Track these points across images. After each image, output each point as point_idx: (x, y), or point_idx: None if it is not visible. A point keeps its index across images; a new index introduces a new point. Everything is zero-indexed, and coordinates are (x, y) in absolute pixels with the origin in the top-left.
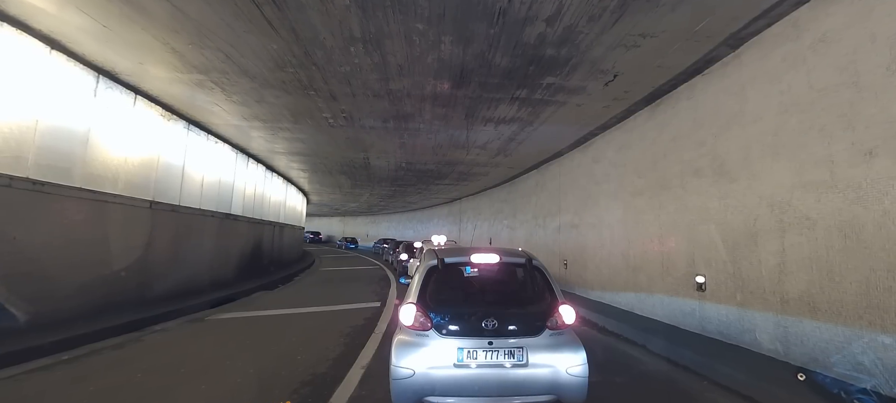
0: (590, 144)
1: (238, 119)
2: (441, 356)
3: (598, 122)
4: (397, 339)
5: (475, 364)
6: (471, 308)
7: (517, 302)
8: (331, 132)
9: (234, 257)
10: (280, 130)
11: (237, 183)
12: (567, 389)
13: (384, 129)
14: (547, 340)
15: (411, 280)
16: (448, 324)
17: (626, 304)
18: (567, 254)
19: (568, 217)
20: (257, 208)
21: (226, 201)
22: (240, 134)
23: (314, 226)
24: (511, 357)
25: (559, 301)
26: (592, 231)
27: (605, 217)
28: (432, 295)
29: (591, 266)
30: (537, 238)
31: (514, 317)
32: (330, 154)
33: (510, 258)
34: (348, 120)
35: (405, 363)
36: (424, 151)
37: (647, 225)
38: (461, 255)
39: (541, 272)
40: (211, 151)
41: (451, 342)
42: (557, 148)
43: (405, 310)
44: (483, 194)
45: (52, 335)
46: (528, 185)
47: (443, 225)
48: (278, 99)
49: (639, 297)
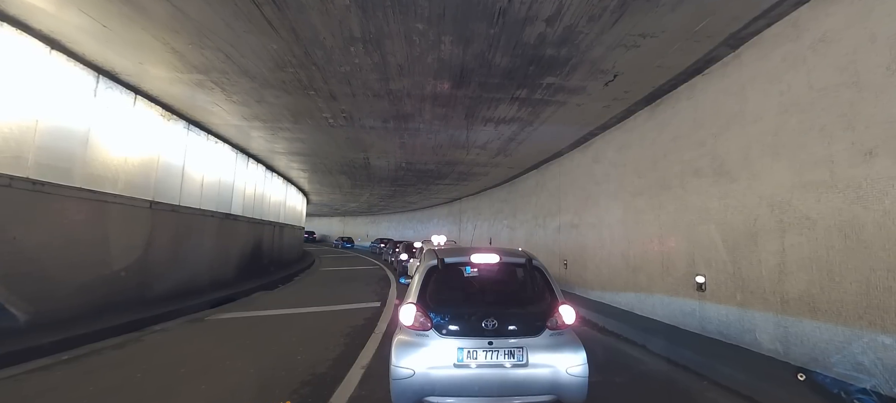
0: (590, 144)
1: (238, 119)
2: (441, 356)
3: (598, 122)
4: (397, 339)
5: (475, 364)
6: (471, 308)
7: (517, 302)
8: (331, 132)
9: (234, 257)
10: (280, 130)
11: (237, 183)
12: (567, 389)
13: (384, 129)
14: (547, 340)
15: (411, 280)
16: (448, 324)
17: (626, 304)
18: (567, 254)
19: (568, 217)
20: (257, 208)
21: (226, 201)
22: (240, 134)
23: (314, 226)
24: (511, 357)
25: (559, 301)
26: (592, 231)
27: (605, 217)
28: (432, 295)
29: (591, 266)
30: (537, 238)
31: (514, 317)
32: (330, 154)
33: (510, 257)
34: (348, 120)
35: (405, 363)
36: (424, 151)
37: (647, 225)
38: (461, 255)
39: (541, 272)
40: (211, 151)
41: (451, 342)
42: (557, 148)
43: (405, 310)
44: (483, 194)
45: (52, 335)
46: (528, 185)
47: (443, 225)
48: (278, 99)
49: (639, 297)
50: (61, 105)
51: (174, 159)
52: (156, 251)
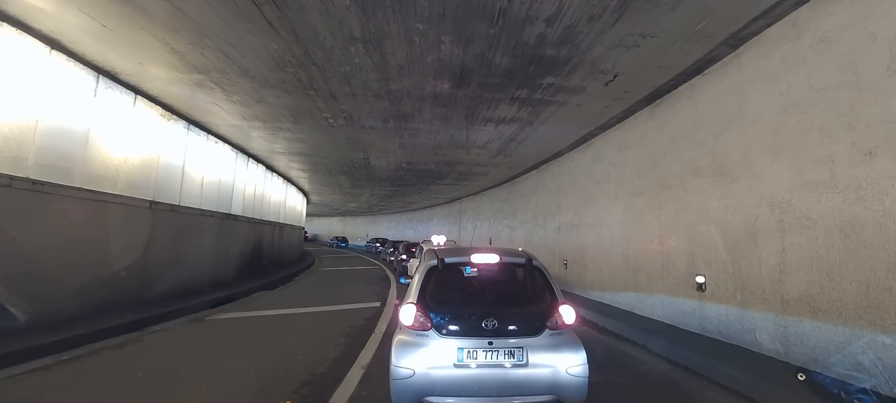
0: (590, 144)
1: (238, 119)
2: (441, 356)
3: (598, 121)
4: (397, 339)
5: (475, 364)
6: (471, 308)
7: (517, 302)
8: (331, 132)
9: (234, 257)
10: (280, 130)
11: (237, 183)
12: (567, 389)
13: (384, 129)
14: (547, 340)
15: (411, 280)
16: (448, 324)
17: (627, 304)
18: (567, 254)
19: (568, 217)
20: (257, 208)
21: (226, 200)
22: (240, 134)
23: (314, 226)
24: (511, 357)
25: (559, 301)
26: (592, 231)
27: (605, 217)
28: (432, 295)
29: (591, 266)
30: (537, 238)
31: (514, 317)
32: (330, 154)
33: (510, 257)
34: (348, 120)
35: (405, 363)
36: (424, 151)
37: (647, 225)
38: (461, 255)
39: (541, 272)
40: (211, 151)
41: (451, 342)
42: (558, 148)
43: (405, 310)
44: (483, 194)
45: (52, 335)
46: (528, 185)
47: (443, 225)
48: (278, 99)
49: (639, 297)
50: (61, 105)
51: (174, 159)
52: (155, 251)
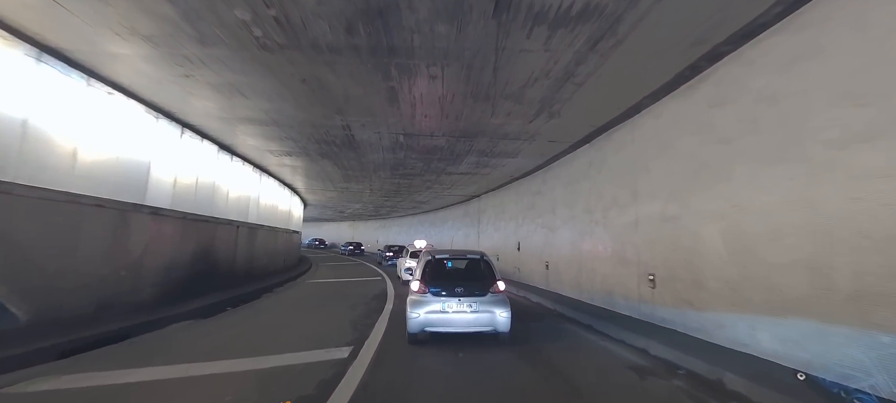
0: (705, 78)
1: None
2: (433, 306)
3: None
4: (410, 298)
5: (451, 310)
6: (449, 281)
7: (474, 279)
8: (271, 66)
9: (152, 270)
10: (188, 60)
11: (158, 163)
12: (499, 324)
13: (355, 56)
14: (489, 298)
15: (415, 269)
16: (437, 289)
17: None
18: (655, 264)
19: (655, 206)
20: (204, 201)
21: (136, 186)
22: (149, 83)
23: (323, 232)
24: (470, 307)
25: (497, 279)
26: (714, 224)
27: (754, 197)
28: (428, 275)
29: (723, 284)
30: (592, 242)
31: (472, 285)
32: (291, 116)
33: (471, 255)
34: (286, 31)
35: (415, 311)
36: (429, 107)
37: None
38: (444, 254)
39: (487, 263)
40: (102, 107)
41: (438, 299)
42: (635, 98)
43: (414, 284)
44: (508, 187)
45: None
46: (576, 167)
47: (458, 229)
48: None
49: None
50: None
51: (23, 114)
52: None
